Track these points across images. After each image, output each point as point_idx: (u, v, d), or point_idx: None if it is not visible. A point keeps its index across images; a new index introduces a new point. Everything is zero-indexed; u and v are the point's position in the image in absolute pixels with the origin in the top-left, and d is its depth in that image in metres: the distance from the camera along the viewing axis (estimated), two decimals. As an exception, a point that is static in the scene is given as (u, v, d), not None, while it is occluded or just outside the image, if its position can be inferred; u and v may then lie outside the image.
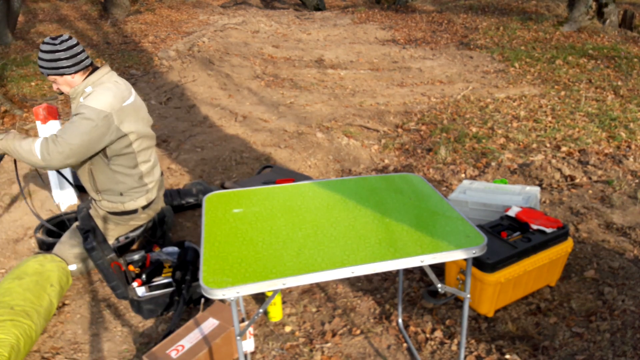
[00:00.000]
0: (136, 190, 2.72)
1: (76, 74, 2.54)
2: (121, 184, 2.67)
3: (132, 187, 2.70)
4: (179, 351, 2.06)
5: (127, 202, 2.71)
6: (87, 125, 2.41)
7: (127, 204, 2.71)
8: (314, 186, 2.09)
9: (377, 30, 9.09)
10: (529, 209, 2.59)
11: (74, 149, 2.42)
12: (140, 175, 2.71)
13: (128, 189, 2.69)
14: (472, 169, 3.91)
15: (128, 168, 2.65)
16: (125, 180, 2.67)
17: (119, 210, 2.73)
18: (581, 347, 2.15)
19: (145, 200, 2.76)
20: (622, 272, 2.60)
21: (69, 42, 2.50)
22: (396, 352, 2.21)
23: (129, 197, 2.71)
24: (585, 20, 8.25)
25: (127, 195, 2.70)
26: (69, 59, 2.49)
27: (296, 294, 2.63)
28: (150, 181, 2.77)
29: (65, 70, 2.50)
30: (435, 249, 1.59)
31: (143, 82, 6.28)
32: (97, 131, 2.43)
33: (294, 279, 1.47)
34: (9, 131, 2.56)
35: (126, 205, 2.71)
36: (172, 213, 3.05)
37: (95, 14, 10.31)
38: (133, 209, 2.73)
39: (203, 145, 4.52)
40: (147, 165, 2.74)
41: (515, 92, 5.73)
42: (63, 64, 2.48)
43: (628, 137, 4.32)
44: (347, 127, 4.83)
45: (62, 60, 2.48)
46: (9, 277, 2.43)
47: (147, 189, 2.76)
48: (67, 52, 2.48)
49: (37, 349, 2.29)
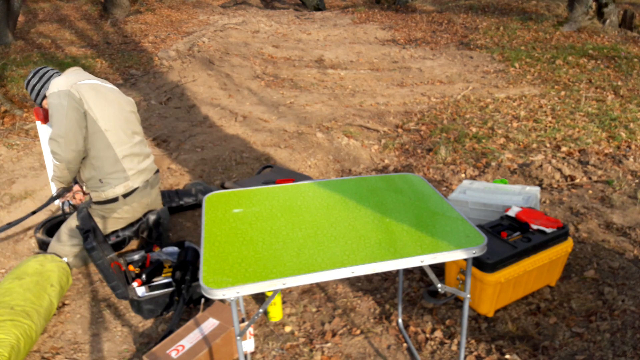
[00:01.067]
0: (114, 177, 2.77)
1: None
2: (98, 169, 2.76)
3: (109, 172, 2.76)
4: (179, 351, 2.06)
5: (107, 190, 2.79)
6: (58, 110, 2.62)
7: (107, 192, 2.79)
8: (314, 186, 2.09)
9: (377, 30, 9.09)
10: (529, 209, 2.59)
11: (67, 136, 2.62)
12: (115, 158, 2.76)
13: (106, 174, 2.76)
14: (472, 169, 3.91)
15: (101, 150, 2.73)
16: (101, 164, 2.74)
17: (101, 199, 2.80)
18: (581, 347, 2.15)
19: (124, 188, 2.80)
20: (622, 272, 2.60)
21: (36, 71, 2.83)
22: (396, 352, 2.21)
23: (108, 184, 2.78)
24: (585, 20, 8.25)
25: (107, 183, 2.78)
26: (39, 80, 2.81)
27: (296, 294, 2.63)
28: (129, 168, 2.81)
29: (41, 89, 2.81)
30: (435, 249, 1.59)
31: (143, 82, 6.28)
32: (70, 110, 2.62)
33: (294, 279, 1.47)
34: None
35: (106, 193, 2.79)
36: (168, 214, 3.05)
37: (95, 14, 10.31)
38: (113, 197, 2.80)
39: (203, 145, 4.53)
40: (122, 149, 2.78)
41: (515, 92, 5.73)
42: (37, 86, 2.81)
43: (628, 137, 4.32)
44: (347, 127, 4.84)
45: (36, 84, 2.81)
46: (9, 277, 2.43)
47: (125, 176, 2.80)
48: (36, 77, 2.81)
49: (37, 349, 2.30)
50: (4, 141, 4.48)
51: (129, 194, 2.82)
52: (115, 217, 2.86)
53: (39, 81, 2.80)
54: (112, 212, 2.84)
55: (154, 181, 2.98)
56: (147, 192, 2.92)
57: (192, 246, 2.75)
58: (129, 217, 2.91)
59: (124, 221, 2.91)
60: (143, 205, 2.92)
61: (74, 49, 7.92)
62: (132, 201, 2.85)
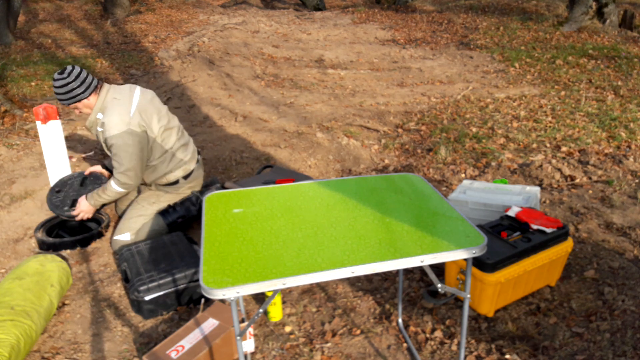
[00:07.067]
0: (174, 168, 3.11)
1: (91, 96, 2.86)
2: (160, 170, 3.07)
3: (169, 168, 3.09)
4: (179, 351, 2.06)
5: (168, 175, 3.12)
6: (125, 150, 2.84)
7: (168, 176, 3.13)
8: (314, 186, 2.09)
9: (377, 30, 9.09)
10: (529, 209, 2.59)
11: (137, 167, 2.92)
12: (171, 155, 3.07)
13: (167, 172, 3.10)
14: (472, 169, 3.91)
15: (158, 155, 3.02)
16: (161, 166, 3.06)
17: (163, 183, 3.16)
18: (581, 347, 2.15)
19: (183, 172, 3.15)
20: (622, 272, 2.60)
21: (76, 71, 2.82)
22: (396, 352, 2.21)
23: (170, 173, 3.12)
24: (585, 20, 8.25)
25: (169, 173, 3.11)
26: (81, 86, 2.82)
27: (296, 294, 2.63)
28: (184, 156, 3.13)
29: (82, 96, 2.83)
30: (435, 249, 1.59)
31: (143, 82, 6.28)
32: (135, 147, 2.86)
33: (294, 279, 1.47)
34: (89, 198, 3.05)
35: (167, 177, 3.12)
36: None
37: (95, 14, 10.31)
38: (174, 180, 3.14)
39: (203, 145, 4.53)
40: (174, 145, 3.08)
41: (515, 92, 5.73)
42: (78, 91, 2.81)
43: (628, 137, 4.32)
44: (347, 127, 4.84)
45: (75, 89, 2.81)
46: (10, 277, 2.43)
47: (183, 162, 3.13)
48: (77, 81, 2.81)
49: (37, 349, 2.30)
50: (4, 141, 4.48)
51: (189, 175, 3.17)
52: (179, 192, 3.20)
53: (80, 86, 2.81)
54: (176, 189, 3.19)
55: (201, 160, 3.33)
56: (201, 170, 3.29)
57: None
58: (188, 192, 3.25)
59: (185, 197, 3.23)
60: (200, 181, 3.29)
61: (74, 48, 7.92)
62: (192, 180, 3.20)
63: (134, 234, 3.01)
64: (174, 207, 3.16)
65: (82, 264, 2.95)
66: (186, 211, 3.17)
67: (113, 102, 2.86)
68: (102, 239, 3.16)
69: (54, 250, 3.02)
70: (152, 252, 2.72)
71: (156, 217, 3.09)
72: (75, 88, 2.81)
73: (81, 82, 2.82)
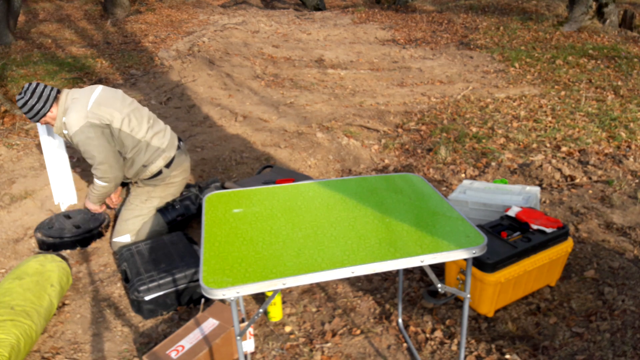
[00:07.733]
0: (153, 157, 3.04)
1: (52, 107, 2.91)
2: (138, 161, 3.02)
3: (147, 157, 3.02)
4: (179, 351, 2.06)
5: (150, 167, 3.06)
6: (89, 144, 2.84)
7: (150, 168, 3.06)
8: (314, 186, 2.09)
9: (377, 30, 9.09)
10: (529, 209, 2.59)
11: (110, 159, 2.89)
12: (145, 144, 3.02)
13: (145, 161, 3.03)
14: (472, 169, 3.91)
15: (132, 146, 2.98)
16: (137, 156, 3.01)
17: (147, 176, 3.10)
18: (581, 347, 2.15)
19: (164, 160, 3.07)
20: (622, 272, 2.60)
21: (32, 88, 2.89)
22: (396, 352, 2.21)
23: (151, 164, 3.05)
24: (585, 20, 8.25)
25: (149, 164, 3.05)
26: (39, 101, 2.87)
27: (296, 294, 2.63)
28: (160, 144, 3.07)
29: (43, 110, 2.89)
30: (435, 249, 1.59)
31: (143, 82, 6.28)
32: (99, 139, 2.85)
33: (294, 279, 1.47)
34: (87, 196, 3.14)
35: (150, 170, 3.06)
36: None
37: (95, 14, 10.31)
38: (157, 171, 3.08)
39: (203, 145, 4.53)
40: (147, 134, 3.02)
41: (515, 92, 5.73)
42: (38, 107, 2.88)
43: (628, 137, 4.32)
44: (347, 127, 4.83)
45: (35, 105, 2.87)
46: (10, 277, 2.43)
47: (161, 150, 3.07)
48: (35, 97, 2.87)
49: (37, 349, 2.30)
50: (4, 141, 4.48)
51: (170, 163, 3.11)
52: (167, 183, 3.14)
53: (38, 101, 2.87)
54: (162, 181, 3.12)
55: (184, 147, 3.25)
56: (184, 157, 3.21)
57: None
58: (180, 180, 3.20)
59: (178, 186, 3.20)
60: (186, 168, 3.22)
61: (75, 48, 7.92)
62: (176, 167, 3.13)
63: (134, 235, 3.01)
64: (173, 204, 3.16)
65: (82, 264, 2.95)
66: (185, 209, 3.17)
67: (73, 102, 2.89)
68: (102, 239, 3.16)
69: (54, 250, 3.02)
70: (152, 252, 2.72)
71: (156, 216, 3.09)
72: (35, 104, 2.87)
73: (38, 97, 2.87)
